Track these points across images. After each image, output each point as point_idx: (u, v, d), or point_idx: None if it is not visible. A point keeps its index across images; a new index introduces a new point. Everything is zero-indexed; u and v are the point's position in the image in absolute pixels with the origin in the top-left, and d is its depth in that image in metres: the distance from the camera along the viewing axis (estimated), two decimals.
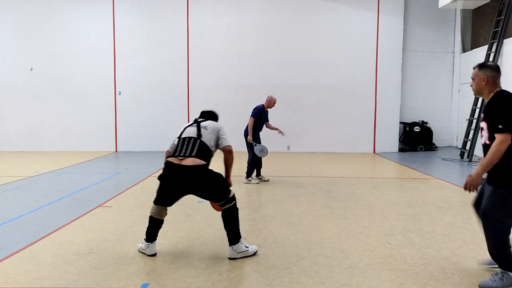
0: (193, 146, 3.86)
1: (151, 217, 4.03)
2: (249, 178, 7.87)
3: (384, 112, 13.22)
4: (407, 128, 13.40)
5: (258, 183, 7.85)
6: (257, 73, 13.13)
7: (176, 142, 4.02)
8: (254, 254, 4.00)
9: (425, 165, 10.45)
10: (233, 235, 3.93)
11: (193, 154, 3.80)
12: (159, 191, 3.97)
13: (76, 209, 5.80)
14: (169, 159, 3.87)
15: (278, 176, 8.63)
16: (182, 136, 3.99)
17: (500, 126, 3.07)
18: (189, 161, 3.75)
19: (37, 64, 13.04)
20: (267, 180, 8.05)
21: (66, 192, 6.95)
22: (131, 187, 7.37)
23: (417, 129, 13.25)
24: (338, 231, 4.82)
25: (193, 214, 5.53)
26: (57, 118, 13.14)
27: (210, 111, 4.44)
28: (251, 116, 7.76)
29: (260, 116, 7.80)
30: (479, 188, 3.36)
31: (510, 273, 3.23)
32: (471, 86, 3.47)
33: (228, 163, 4.12)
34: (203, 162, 3.81)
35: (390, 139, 13.34)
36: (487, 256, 3.38)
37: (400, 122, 13.51)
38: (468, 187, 3.24)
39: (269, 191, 7.10)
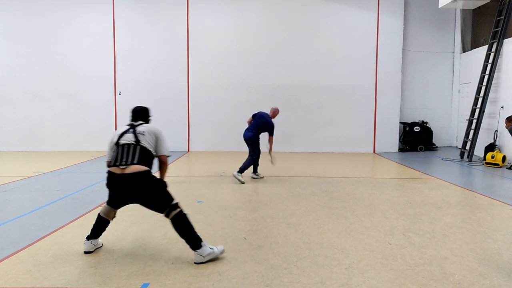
0: (133, 152, 3.77)
1: (99, 215, 4.06)
2: (239, 174, 7.70)
3: (384, 112, 13.22)
4: (407, 128, 13.40)
5: (243, 183, 7.65)
6: (257, 73, 13.13)
7: (114, 151, 3.89)
8: (221, 253, 3.91)
9: (425, 165, 10.45)
10: (193, 241, 3.78)
11: (135, 161, 3.72)
12: (109, 195, 3.98)
13: (76, 209, 5.80)
14: (110, 169, 3.81)
15: (278, 176, 8.63)
16: (120, 143, 3.85)
17: None
18: (132, 169, 3.69)
19: (37, 64, 13.05)
20: (262, 177, 8.10)
21: (66, 192, 6.95)
22: None
23: (417, 129, 13.25)
24: (338, 231, 4.82)
25: (193, 214, 5.52)
26: (57, 118, 13.15)
27: (140, 109, 4.24)
28: (271, 135, 7.87)
29: None
30: None
31: None
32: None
33: (162, 171, 4.12)
34: (146, 168, 3.75)
35: (390, 139, 13.34)
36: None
37: (400, 122, 13.51)
38: None
39: (269, 191, 7.10)
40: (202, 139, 13.22)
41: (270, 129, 7.86)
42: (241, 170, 7.79)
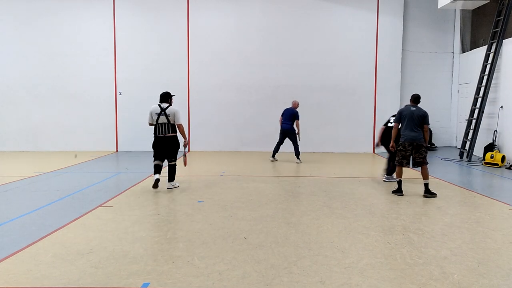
0: (168, 127, 7.03)
1: (155, 165, 7.11)
2: (298, 158, 10.59)
3: (383, 112, 13.18)
4: None
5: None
6: (257, 73, 13.14)
7: (155, 124, 7.03)
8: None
9: None
10: (172, 177, 7.20)
11: (169, 132, 7.04)
12: (154, 154, 7.16)
13: (76, 209, 5.81)
14: (156, 135, 7.06)
15: (278, 176, 8.65)
16: (159, 122, 6.99)
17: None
18: (168, 135, 7.04)
19: (38, 64, 13.05)
20: (276, 160, 10.62)
21: (67, 192, 6.96)
22: (131, 187, 7.39)
23: None
24: (337, 231, 4.83)
25: (193, 214, 5.54)
26: (58, 118, 13.15)
27: (165, 94, 7.18)
28: (298, 119, 10.49)
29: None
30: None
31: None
32: None
33: (181, 132, 7.14)
34: (175, 135, 7.10)
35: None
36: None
37: None
38: None
39: (269, 191, 7.11)
40: (202, 139, 13.23)
41: (297, 116, 10.39)
42: (298, 155, 10.49)
